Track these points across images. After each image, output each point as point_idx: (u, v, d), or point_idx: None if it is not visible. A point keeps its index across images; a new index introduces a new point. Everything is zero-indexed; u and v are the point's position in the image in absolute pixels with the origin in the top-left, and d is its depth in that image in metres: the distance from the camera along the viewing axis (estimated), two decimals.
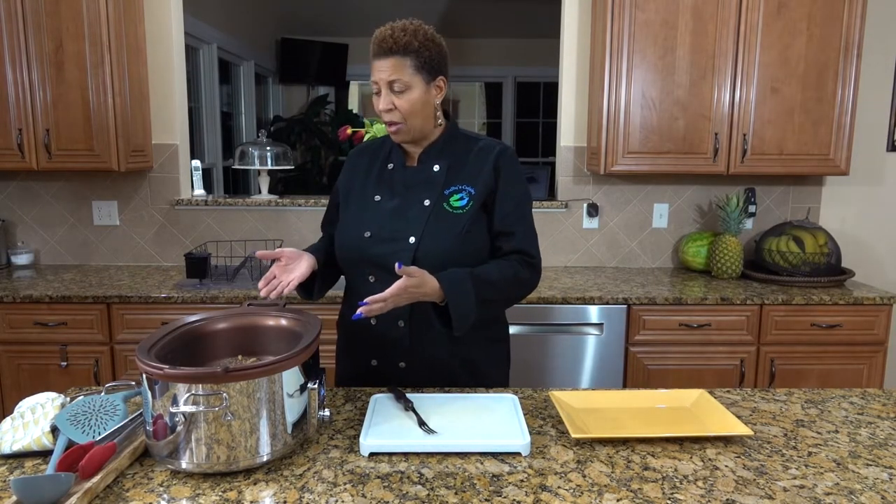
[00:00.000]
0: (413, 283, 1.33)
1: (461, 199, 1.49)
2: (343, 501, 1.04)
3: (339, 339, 1.68)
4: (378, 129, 2.67)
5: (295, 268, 1.46)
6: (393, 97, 1.43)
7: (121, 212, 3.12)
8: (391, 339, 1.52)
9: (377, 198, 1.54)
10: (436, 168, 1.52)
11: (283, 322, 1.36)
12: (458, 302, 1.39)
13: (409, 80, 1.42)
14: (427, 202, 1.49)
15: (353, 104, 7.15)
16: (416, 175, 1.53)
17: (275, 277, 1.44)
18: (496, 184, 1.51)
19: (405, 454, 1.19)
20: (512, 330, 2.59)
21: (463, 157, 1.53)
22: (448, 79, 1.50)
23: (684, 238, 3.10)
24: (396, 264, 1.30)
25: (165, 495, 1.05)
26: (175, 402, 1.06)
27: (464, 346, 1.54)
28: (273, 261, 1.46)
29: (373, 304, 1.31)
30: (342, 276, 1.66)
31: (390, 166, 1.56)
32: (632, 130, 2.77)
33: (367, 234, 1.50)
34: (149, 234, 3.14)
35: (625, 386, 2.63)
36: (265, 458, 1.12)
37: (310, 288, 1.56)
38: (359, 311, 1.31)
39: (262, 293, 1.40)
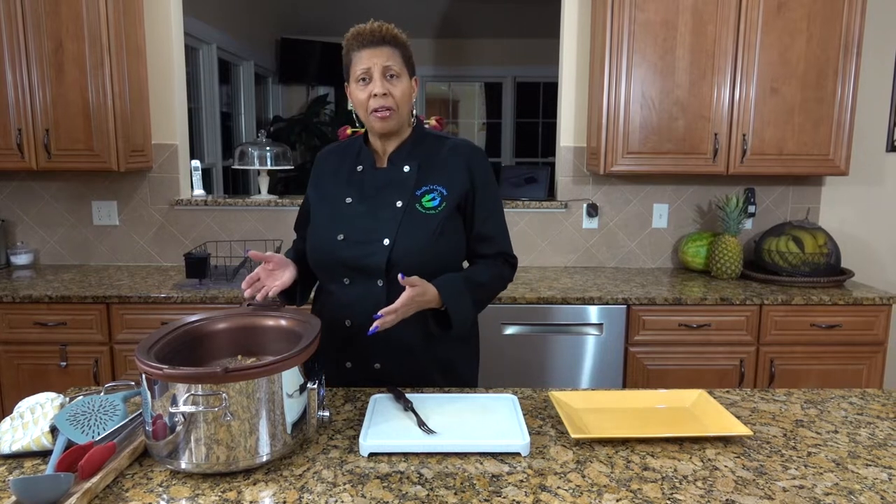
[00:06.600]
0: (418, 291, 1.37)
1: (433, 199, 1.50)
2: (343, 501, 1.04)
3: None
4: None
5: (279, 275, 1.49)
6: (387, 83, 1.45)
7: (120, 212, 3.12)
8: (366, 341, 1.51)
9: (348, 200, 1.53)
10: (406, 169, 1.53)
11: (283, 322, 1.36)
12: (456, 307, 1.45)
13: (399, 70, 1.47)
14: (399, 203, 1.49)
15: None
16: (386, 176, 1.53)
17: (258, 280, 1.47)
18: (472, 185, 1.53)
19: (405, 454, 1.19)
20: (512, 330, 2.60)
21: (433, 158, 1.54)
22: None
23: (684, 238, 3.10)
24: (399, 276, 1.33)
25: (165, 495, 1.05)
26: (174, 402, 1.06)
27: (437, 346, 1.55)
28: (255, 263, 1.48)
29: (386, 317, 1.33)
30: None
31: (360, 168, 1.56)
32: (631, 130, 2.77)
33: (340, 236, 1.50)
34: (148, 234, 3.14)
35: (624, 386, 2.64)
36: (265, 459, 1.12)
37: (292, 295, 1.59)
38: (374, 325, 1.33)
39: (247, 294, 1.46)
